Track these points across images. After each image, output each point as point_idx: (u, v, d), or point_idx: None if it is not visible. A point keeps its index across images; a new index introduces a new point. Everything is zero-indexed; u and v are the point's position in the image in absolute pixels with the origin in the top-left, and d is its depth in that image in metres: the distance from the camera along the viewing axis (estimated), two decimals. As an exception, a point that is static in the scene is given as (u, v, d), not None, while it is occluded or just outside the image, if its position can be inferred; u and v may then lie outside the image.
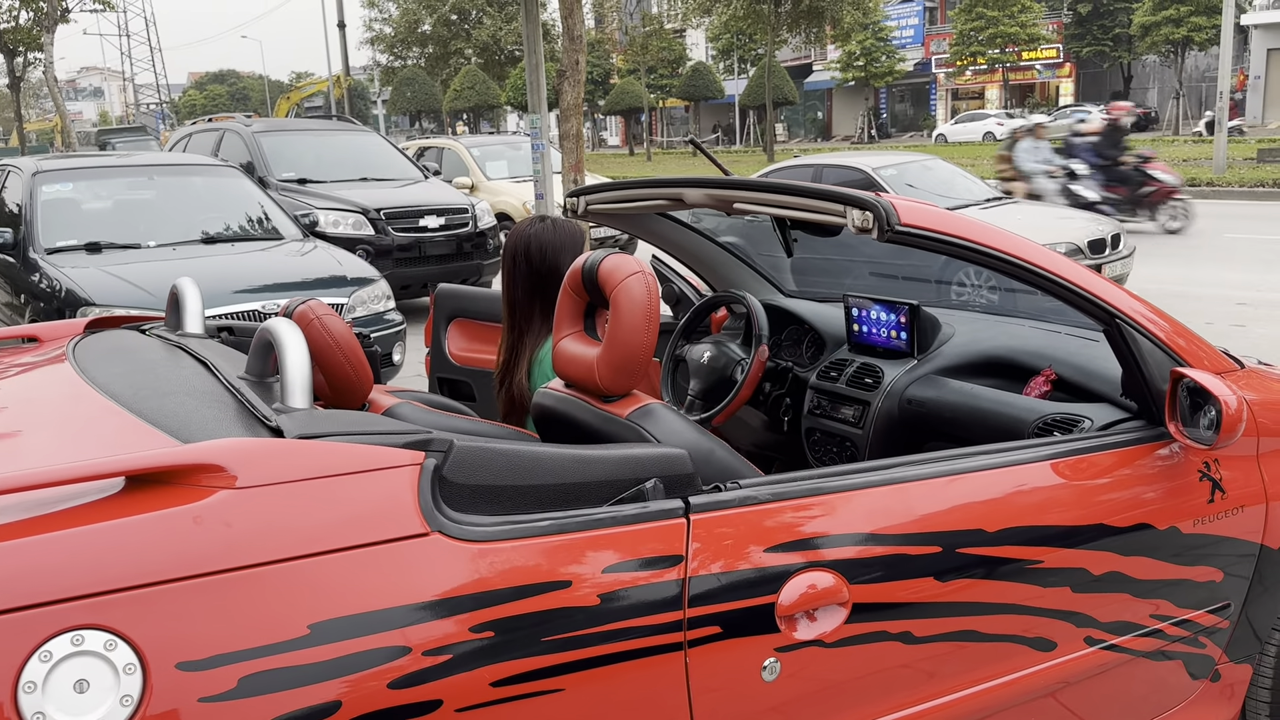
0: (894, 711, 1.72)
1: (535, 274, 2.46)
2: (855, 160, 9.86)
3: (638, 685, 1.47)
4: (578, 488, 1.54)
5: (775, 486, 1.67)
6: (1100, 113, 16.11)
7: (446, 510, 1.40)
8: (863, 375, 2.74)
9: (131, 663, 1.16)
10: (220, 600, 1.22)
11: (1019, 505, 1.87)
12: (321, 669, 1.25)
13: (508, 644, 1.37)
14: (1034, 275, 2.02)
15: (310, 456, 1.34)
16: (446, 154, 13.37)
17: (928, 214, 1.92)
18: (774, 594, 1.59)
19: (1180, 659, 2.17)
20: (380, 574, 1.32)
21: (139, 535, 1.22)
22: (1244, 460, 2.18)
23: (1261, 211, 15.05)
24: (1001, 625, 1.83)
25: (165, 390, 1.66)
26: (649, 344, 1.78)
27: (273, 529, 1.27)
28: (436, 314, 3.65)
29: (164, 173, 6.82)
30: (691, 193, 2.42)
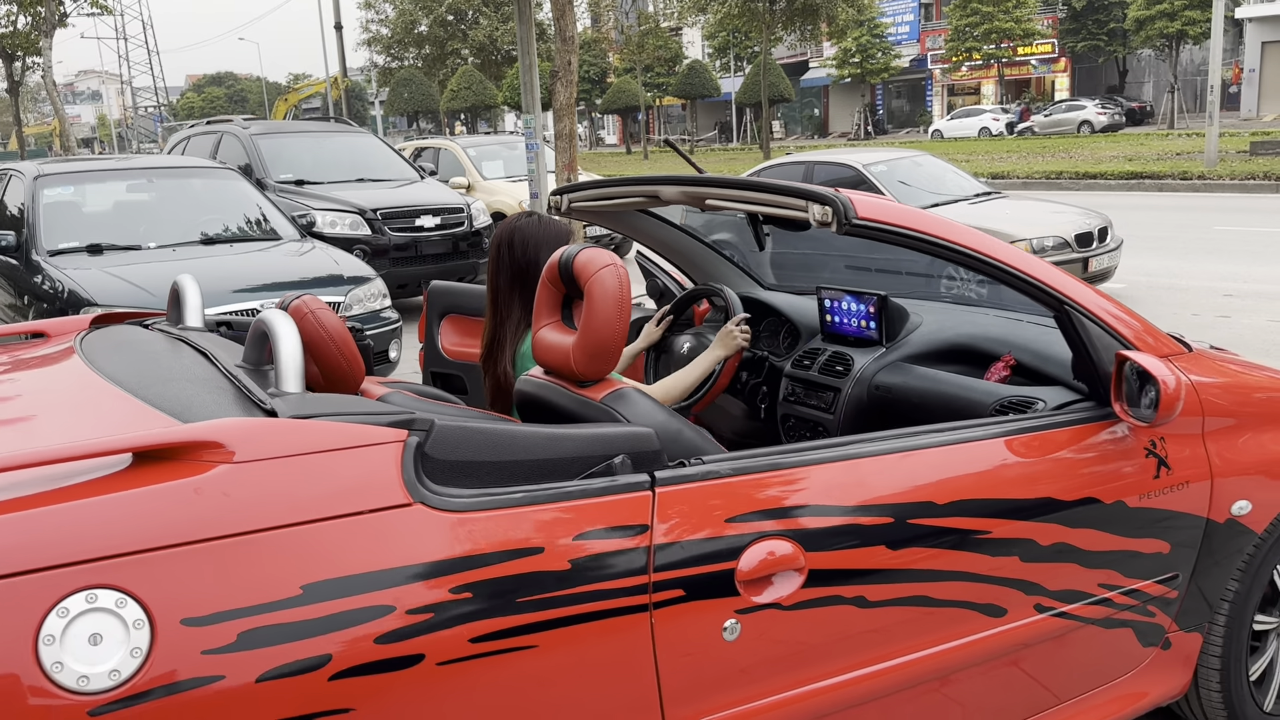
0: (850, 671, 1.85)
1: (516, 265, 2.58)
2: (846, 157, 9.97)
3: (606, 643, 1.59)
4: (551, 463, 1.66)
5: (736, 462, 1.80)
6: (1095, 107, 16.16)
7: (428, 483, 1.52)
8: (834, 363, 2.87)
9: (140, 618, 1.29)
10: (220, 563, 1.34)
11: (968, 480, 1.99)
12: (313, 625, 1.37)
13: (485, 604, 1.49)
14: (985, 265, 2.14)
15: (302, 434, 1.46)
16: (443, 154, 13.50)
17: (884, 208, 2.05)
18: (734, 561, 1.71)
19: (1130, 627, 2.29)
20: (367, 540, 1.44)
21: (145, 505, 1.34)
22: (1189, 438, 2.30)
23: (1252, 204, 15.17)
24: (952, 592, 1.95)
25: (168, 377, 1.79)
26: (621, 332, 1.91)
27: (267, 499, 1.40)
28: (429, 310, 3.77)
29: (163, 175, 6.94)
30: (667, 190, 2.54)
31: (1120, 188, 18.24)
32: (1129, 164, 20.32)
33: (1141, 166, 19.50)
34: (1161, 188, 17.84)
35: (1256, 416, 2.44)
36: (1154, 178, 18.16)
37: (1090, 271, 8.49)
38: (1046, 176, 19.66)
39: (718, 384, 2.86)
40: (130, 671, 1.27)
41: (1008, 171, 20.82)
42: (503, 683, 1.51)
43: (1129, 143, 27.78)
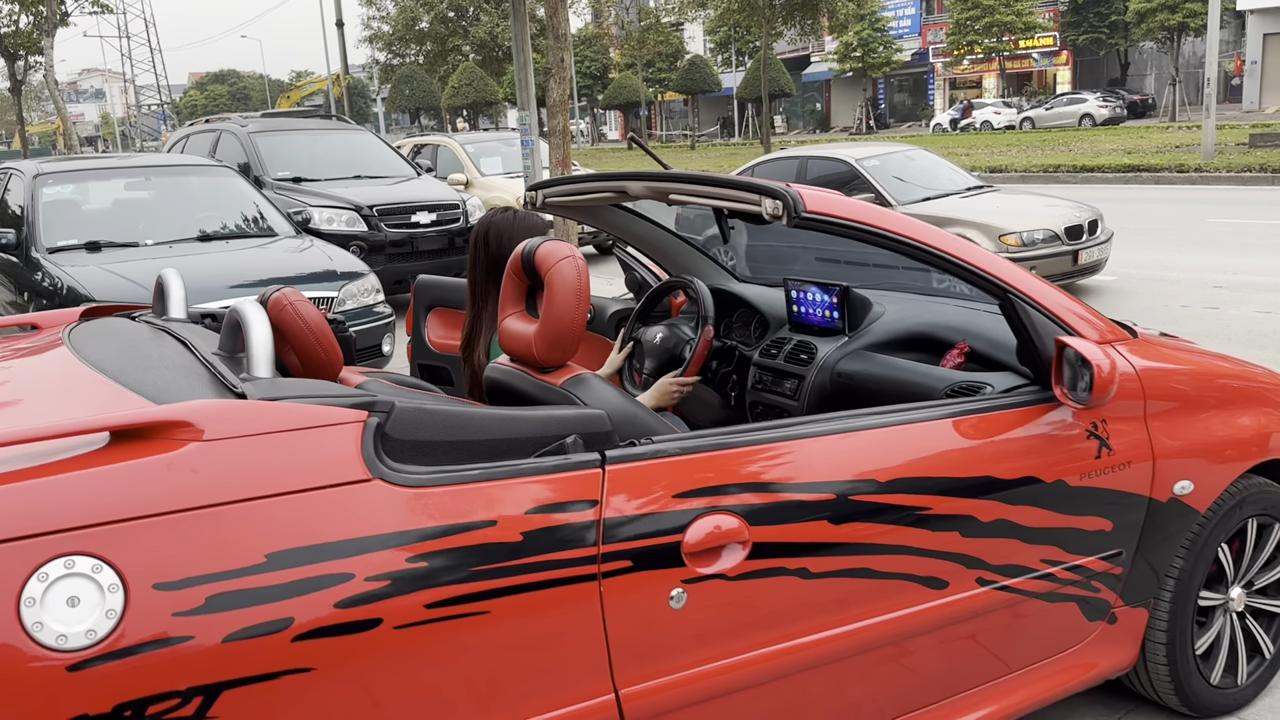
0: (794, 638, 1.95)
1: (492, 259, 2.69)
2: (839, 152, 10.07)
3: (556, 610, 1.70)
4: (506, 443, 1.77)
5: (684, 442, 1.90)
6: (1097, 100, 15.97)
7: (387, 460, 1.63)
8: (799, 352, 2.97)
9: (115, 583, 1.40)
10: (189, 532, 1.45)
11: (909, 459, 2.09)
12: (277, 590, 1.48)
13: (439, 573, 1.60)
14: (931, 256, 2.24)
15: (267, 414, 1.57)
16: (442, 151, 13.61)
17: (831, 201, 2.15)
18: (681, 534, 1.81)
19: (1075, 601, 2.39)
20: (328, 513, 1.55)
21: (121, 479, 1.45)
22: (1131, 420, 2.40)
23: (1248, 196, 15.23)
24: (894, 565, 2.05)
25: (147, 364, 1.90)
26: (580, 321, 2.01)
27: (234, 474, 1.51)
28: (416, 304, 3.88)
29: (161, 173, 7.05)
30: (633, 185, 2.64)
31: (1117, 181, 18.30)
32: (1127, 157, 20.36)
33: (1140, 160, 19.56)
34: (1158, 181, 17.90)
35: (1199, 400, 2.54)
36: (1150, 171, 18.22)
37: (1080, 264, 8.57)
38: (1044, 170, 19.72)
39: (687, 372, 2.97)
40: (106, 631, 1.38)
41: (1006, 165, 20.88)
42: (457, 646, 1.61)
43: (1129, 136, 27.81)
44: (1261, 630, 2.79)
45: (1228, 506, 2.58)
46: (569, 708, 1.73)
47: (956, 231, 8.48)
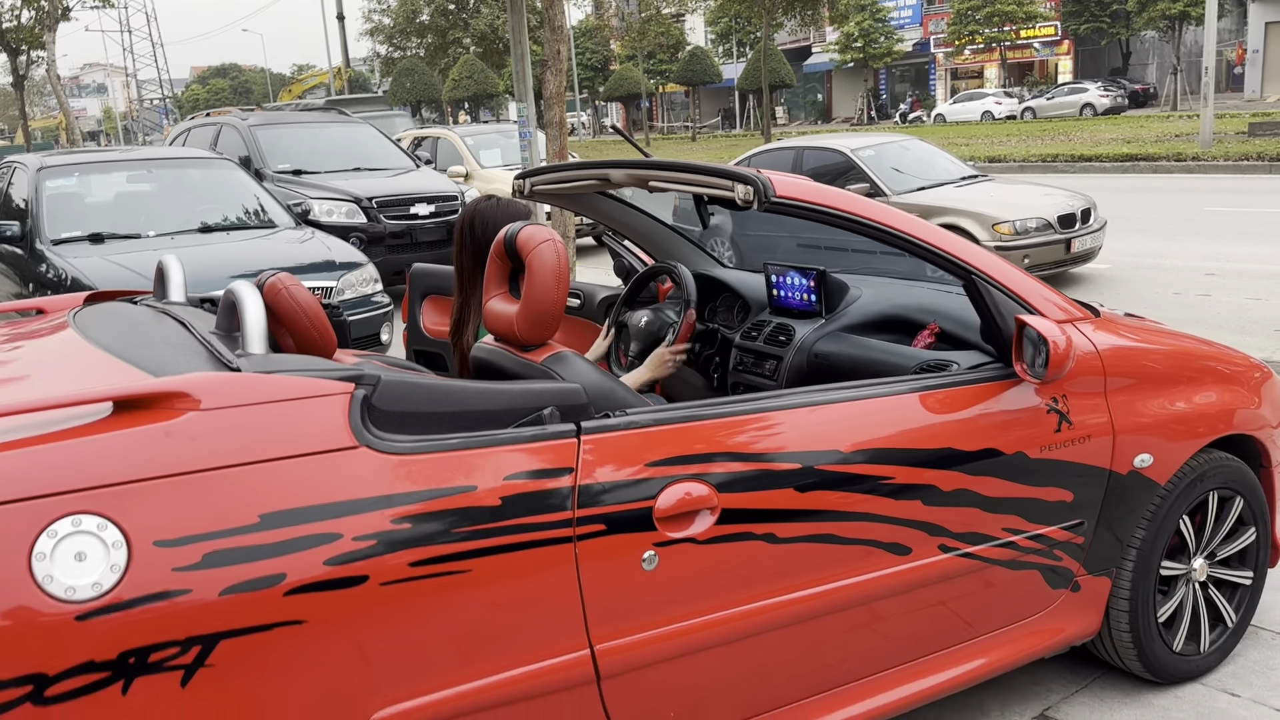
0: (762, 599, 2.06)
1: (477, 245, 2.79)
2: (835, 142, 10.15)
3: (535, 569, 1.81)
4: (486, 414, 1.88)
5: (657, 414, 2.01)
6: (1098, 89, 15.86)
7: (374, 430, 1.74)
8: (778, 334, 3.07)
9: (118, 540, 1.50)
10: (187, 494, 1.56)
11: (872, 431, 2.20)
12: (269, 548, 1.59)
13: (423, 534, 1.71)
14: (896, 238, 2.34)
15: (260, 386, 1.68)
16: (441, 143, 13.72)
17: (800, 187, 2.25)
18: (652, 500, 1.92)
19: (1038, 569, 2.50)
20: (317, 477, 1.65)
21: (123, 445, 1.56)
22: (1092, 396, 2.50)
23: (1245, 185, 15.28)
24: (858, 531, 2.16)
25: (148, 342, 2.01)
26: (559, 301, 2.12)
27: (229, 441, 1.61)
28: (412, 292, 3.99)
29: (162, 166, 7.16)
30: (616, 173, 2.74)
31: (1115, 170, 18.35)
32: (1125, 146, 20.40)
33: (1138, 149, 19.59)
34: (1156, 170, 17.95)
35: (1159, 377, 2.64)
36: (1149, 160, 18.26)
37: (1073, 252, 8.66)
38: (1042, 159, 19.76)
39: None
40: (111, 584, 1.49)
41: (1005, 155, 20.93)
42: (440, 602, 1.72)
43: (1129, 125, 27.83)
44: (1224, 600, 2.89)
45: (1188, 480, 2.68)
46: (547, 661, 1.84)
47: (950, 221, 8.59)
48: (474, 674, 1.77)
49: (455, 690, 1.75)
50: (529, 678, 1.82)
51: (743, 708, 2.13)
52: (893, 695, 2.33)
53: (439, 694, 1.74)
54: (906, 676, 2.36)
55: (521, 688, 1.82)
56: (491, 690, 1.78)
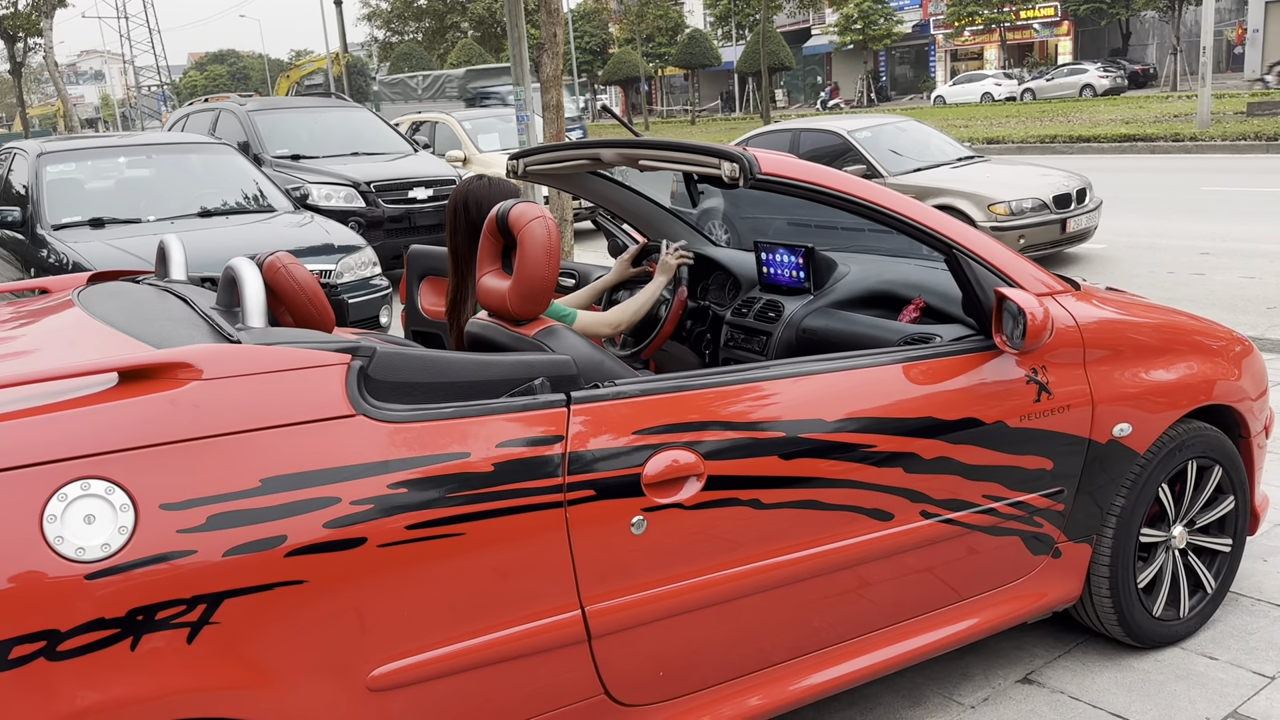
0: (748, 563, 2.13)
1: (471, 225, 2.85)
2: (832, 124, 10.19)
3: (527, 533, 1.88)
4: (479, 384, 1.94)
5: (645, 384, 2.07)
6: (1097, 70, 15.68)
7: (370, 399, 1.80)
8: (767, 310, 3.13)
9: (126, 503, 1.57)
10: (191, 460, 1.63)
11: (854, 400, 2.26)
12: (270, 511, 1.66)
13: (418, 498, 1.77)
14: (879, 214, 2.40)
15: (260, 357, 1.74)
16: (440, 128, 13.74)
17: (785, 164, 2.31)
18: (640, 467, 1.99)
19: (1018, 535, 2.57)
20: (315, 444, 1.72)
21: (129, 413, 1.62)
22: (1071, 367, 2.56)
23: (1243, 165, 15.30)
24: (841, 497, 2.23)
25: (151, 318, 2.07)
26: (550, 276, 2.18)
27: (231, 409, 1.68)
28: (409, 273, 4.04)
29: (162, 151, 7.21)
30: (606, 152, 2.80)
31: (1113, 150, 18.36)
32: (1124, 127, 20.40)
33: (1136, 129, 19.59)
34: (1154, 150, 17.96)
35: (1138, 348, 2.70)
36: (1146, 140, 18.27)
37: (1069, 232, 8.71)
38: (1040, 141, 19.78)
39: (663, 331, 3.14)
40: (119, 545, 1.56)
41: (1003, 136, 20.94)
42: (436, 564, 1.79)
43: (1128, 105, 27.79)
44: (1204, 567, 2.96)
45: (1167, 449, 2.74)
46: (539, 621, 1.91)
47: (946, 201, 8.64)
48: (469, 633, 1.84)
49: (451, 648, 1.82)
50: (522, 637, 1.89)
51: (731, 667, 2.20)
52: (878, 656, 2.40)
53: (435, 651, 1.81)
54: (892, 638, 2.43)
55: (515, 646, 1.89)
56: (486, 649, 1.86)
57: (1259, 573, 3.28)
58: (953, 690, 2.76)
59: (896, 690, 2.76)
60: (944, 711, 2.67)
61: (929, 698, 2.73)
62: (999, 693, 2.74)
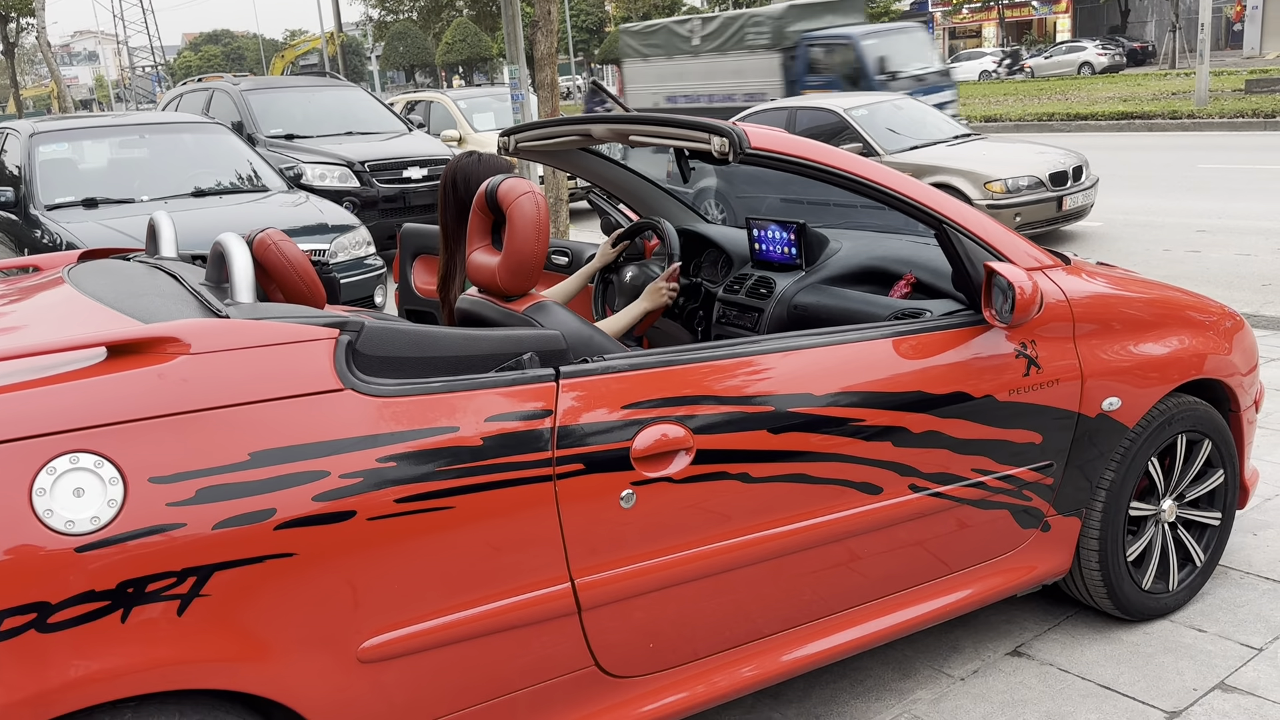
0: (737, 536, 2.14)
1: (461, 201, 2.85)
2: (828, 102, 10.17)
3: (516, 506, 1.88)
4: (468, 359, 1.95)
5: (634, 359, 2.08)
6: (1096, 48, 15.54)
7: (358, 373, 1.81)
8: (759, 286, 3.14)
9: (115, 477, 1.58)
10: (180, 433, 1.63)
11: (843, 375, 2.27)
12: (260, 485, 1.67)
13: (407, 472, 1.78)
14: (869, 189, 2.40)
15: (248, 331, 1.75)
16: (435, 107, 13.70)
17: (775, 138, 2.30)
18: (629, 441, 2.00)
19: (1007, 509, 2.58)
20: (304, 418, 1.73)
21: (118, 387, 1.63)
22: (1060, 340, 2.57)
23: (1239, 142, 15.27)
24: (830, 471, 2.24)
25: (140, 293, 2.07)
26: (539, 251, 2.18)
27: (219, 383, 1.68)
28: (402, 252, 4.04)
29: (155, 131, 7.18)
30: (597, 128, 2.79)
31: (1111, 128, 18.32)
32: (1122, 104, 20.36)
33: (1134, 107, 19.55)
34: (1151, 128, 17.92)
35: (1128, 323, 2.71)
36: (1144, 118, 18.24)
37: (1065, 210, 8.71)
38: (1038, 118, 19.73)
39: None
40: (108, 518, 1.57)
41: (1001, 114, 20.89)
42: (426, 537, 1.80)
43: (1126, 83, 27.70)
44: (1193, 540, 2.98)
45: (1157, 423, 2.75)
46: (530, 593, 1.92)
47: (942, 179, 8.62)
48: (458, 605, 1.85)
49: (441, 620, 1.84)
50: (512, 609, 1.90)
51: (722, 639, 2.22)
52: (869, 628, 2.42)
53: (425, 624, 1.82)
54: (882, 610, 2.45)
55: (505, 618, 1.90)
56: (476, 621, 1.87)
57: (1248, 546, 3.30)
58: (942, 663, 2.78)
59: (886, 663, 2.79)
60: (933, 684, 2.69)
61: (919, 670, 2.75)
62: (988, 665, 2.76)
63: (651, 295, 2.87)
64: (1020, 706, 2.58)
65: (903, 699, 2.64)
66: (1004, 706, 2.58)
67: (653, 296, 2.86)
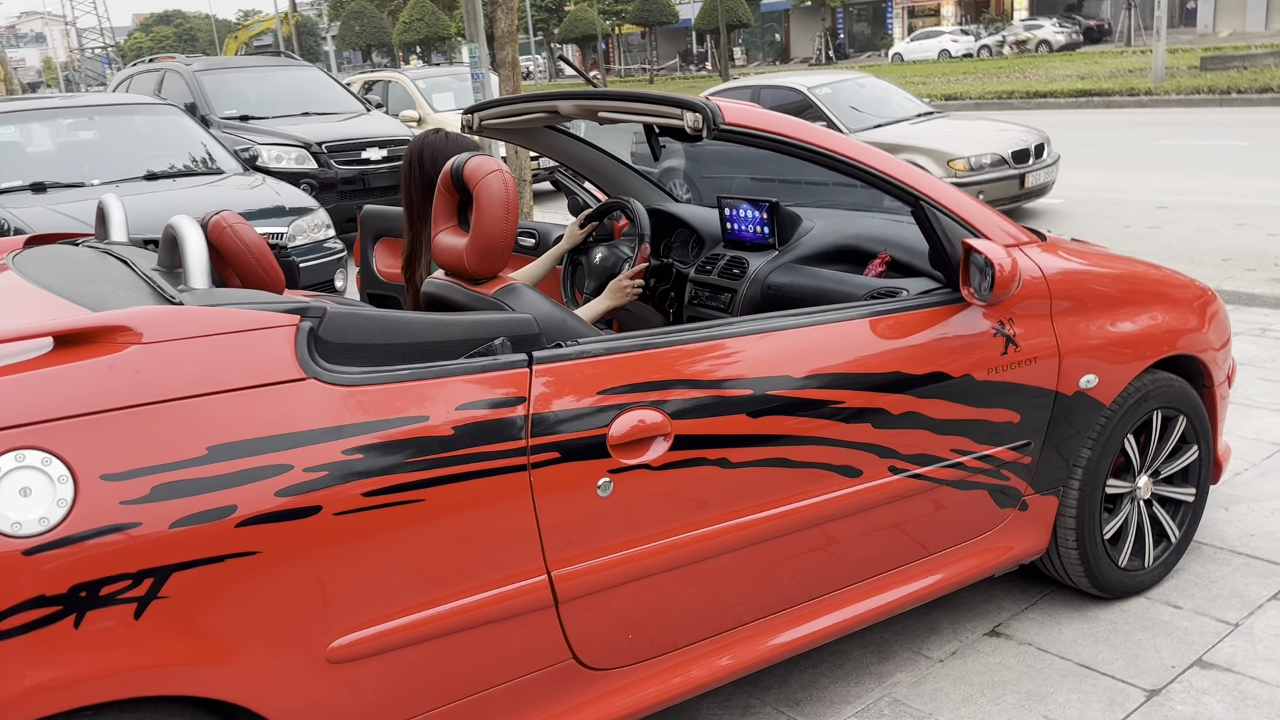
0: (717, 523, 2.09)
1: (426, 179, 2.76)
2: (792, 80, 10.11)
3: (490, 498, 1.82)
4: (437, 345, 1.87)
5: (609, 343, 2.01)
6: (1053, 26, 15.45)
7: (321, 361, 1.73)
8: (731, 267, 3.08)
9: (64, 474, 1.49)
10: (133, 428, 1.54)
11: (821, 356, 2.22)
12: (219, 480, 1.58)
13: (375, 464, 1.71)
14: (845, 165, 2.34)
15: (203, 318, 1.66)
16: (393, 87, 13.47)
17: (749, 114, 2.24)
18: (606, 427, 1.93)
19: (986, 489, 2.55)
20: (264, 409, 1.64)
21: (65, 379, 1.54)
22: (1038, 318, 2.54)
23: (1196, 119, 15.43)
24: (810, 454, 2.19)
25: (88, 280, 1.97)
26: (508, 232, 2.10)
27: (174, 374, 1.60)
28: (363, 234, 3.94)
29: (105, 113, 6.97)
30: (564, 104, 2.71)
31: (1069, 106, 18.46)
32: (1080, 82, 20.50)
33: (1092, 84, 19.70)
34: (1109, 105, 18.08)
35: (1104, 299, 2.68)
36: (1102, 95, 18.38)
37: (1027, 187, 8.73)
38: (998, 96, 19.82)
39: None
40: (58, 518, 1.48)
41: (961, 93, 20.97)
42: (396, 532, 1.73)
43: (1083, 61, 27.94)
44: (1168, 516, 2.97)
45: (1133, 400, 2.73)
46: (505, 587, 1.86)
47: (906, 157, 8.59)
48: (431, 601, 1.78)
49: (413, 617, 1.77)
50: (487, 603, 1.84)
51: (701, 628, 2.17)
52: (848, 612, 2.39)
53: (397, 621, 1.75)
54: (861, 594, 2.41)
55: (480, 613, 1.84)
56: (449, 616, 1.80)
57: (1221, 521, 3.31)
58: (920, 644, 2.76)
59: (865, 646, 2.76)
60: (912, 666, 2.67)
61: (897, 652, 2.73)
62: (967, 646, 2.74)
63: (615, 294, 2.79)
64: (1000, 687, 2.56)
65: (882, 682, 2.61)
66: (984, 688, 2.56)
67: (616, 295, 2.78)
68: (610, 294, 2.81)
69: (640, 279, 2.85)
